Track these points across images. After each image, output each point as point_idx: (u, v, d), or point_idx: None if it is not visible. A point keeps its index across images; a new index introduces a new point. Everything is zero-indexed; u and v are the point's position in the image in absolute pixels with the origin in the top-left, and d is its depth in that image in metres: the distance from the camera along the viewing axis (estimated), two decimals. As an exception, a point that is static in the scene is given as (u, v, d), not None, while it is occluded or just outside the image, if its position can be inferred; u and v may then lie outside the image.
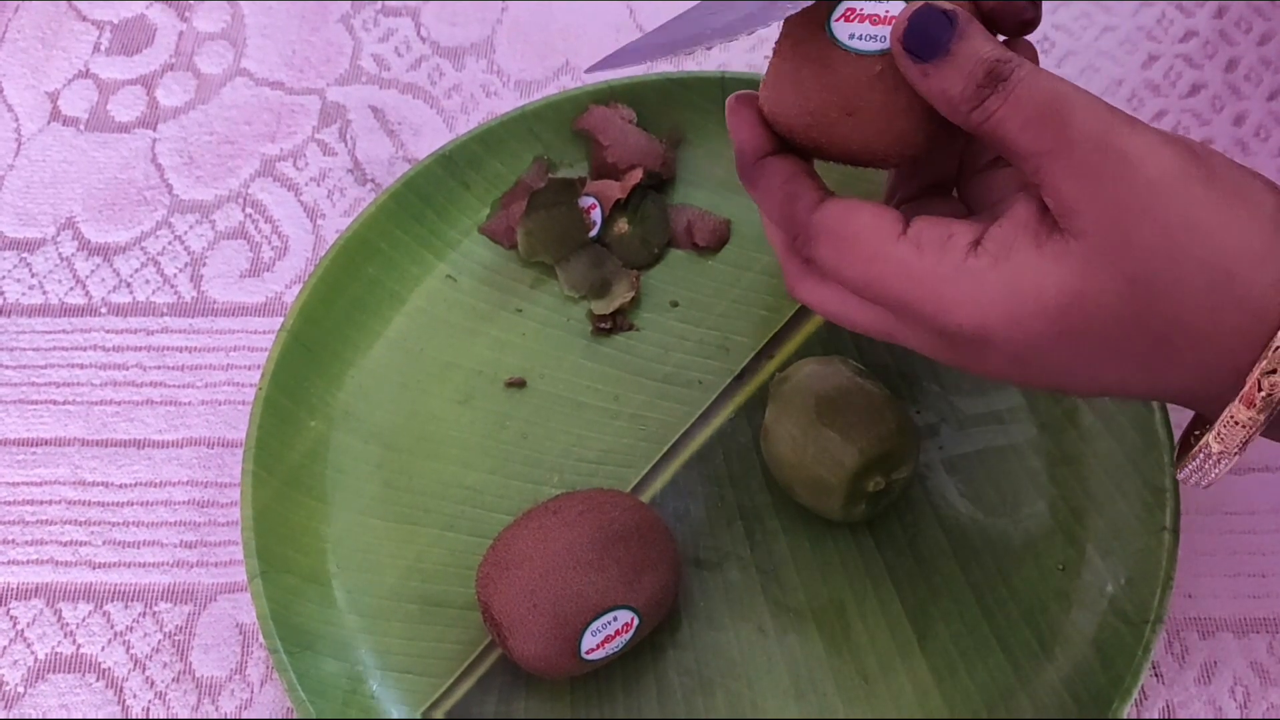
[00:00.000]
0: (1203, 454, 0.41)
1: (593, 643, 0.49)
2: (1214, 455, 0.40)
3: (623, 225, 0.61)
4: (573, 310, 0.61)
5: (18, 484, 0.58)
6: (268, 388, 0.56)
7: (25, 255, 0.64)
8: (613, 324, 0.60)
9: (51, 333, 0.62)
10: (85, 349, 0.62)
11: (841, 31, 0.40)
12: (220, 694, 0.54)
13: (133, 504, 0.58)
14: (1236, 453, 0.40)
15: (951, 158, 0.45)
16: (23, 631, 0.55)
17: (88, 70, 0.70)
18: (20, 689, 0.54)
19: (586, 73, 0.44)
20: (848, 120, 0.41)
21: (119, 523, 0.57)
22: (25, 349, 0.62)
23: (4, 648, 0.55)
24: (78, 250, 0.65)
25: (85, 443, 0.59)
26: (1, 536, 0.57)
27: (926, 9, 0.38)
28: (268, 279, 0.63)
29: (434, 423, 0.58)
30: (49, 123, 0.69)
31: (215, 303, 0.63)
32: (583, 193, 0.61)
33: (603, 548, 0.50)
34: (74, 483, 0.58)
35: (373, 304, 0.60)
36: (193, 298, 0.63)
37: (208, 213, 0.65)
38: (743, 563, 0.54)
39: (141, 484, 0.58)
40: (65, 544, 0.57)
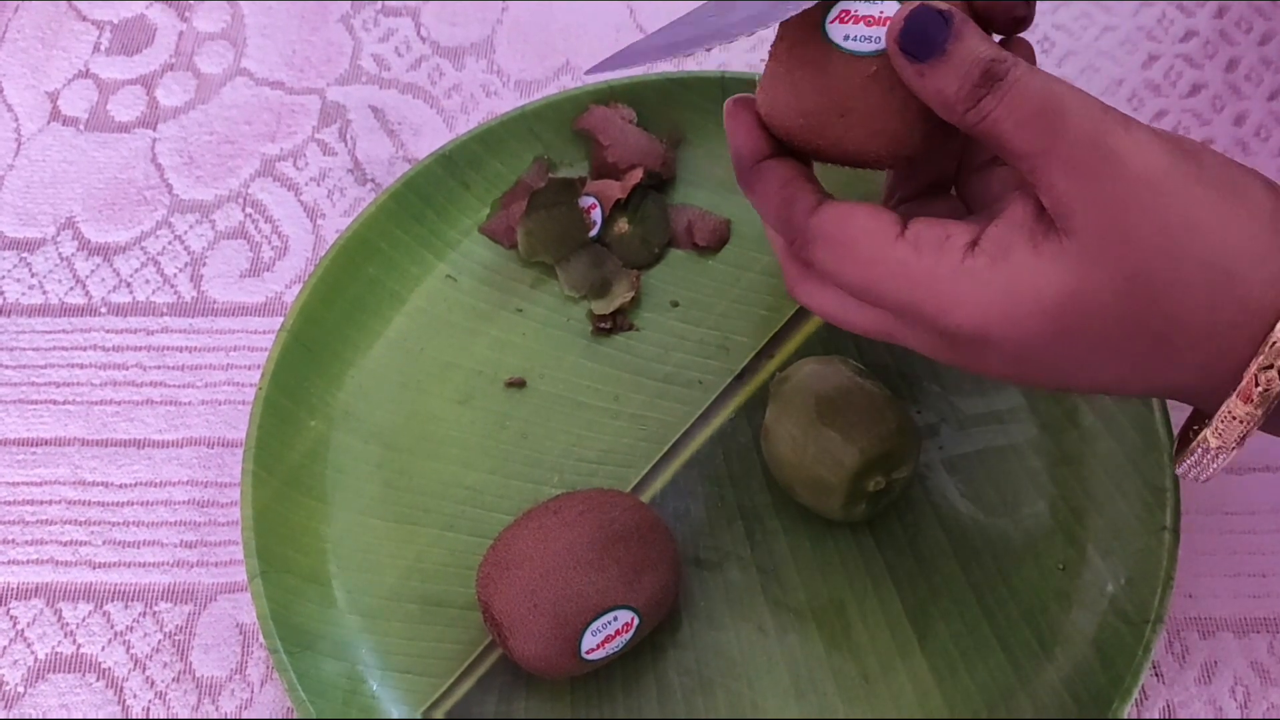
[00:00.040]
0: (1201, 449, 0.41)
1: (593, 643, 0.49)
2: (1212, 450, 0.40)
3: (623, 225, 0.61)
4: (573, 310, 0.61)
5: (18, 484, 0.58)
6: (268, 388, 0.56)
7: (25, 255, 0.64)
8: (613, 324, 0.60)
9: (51, 333, 0.62)
10: (85, 349, 0.62)
11: (837, 33, 0.40)
12: (220, 694, 0.54)
13: (133, 504, 0.58)
14: (1234, 447, 0.40)
15: (950, 157, 0.45)
16: (23, 631, 0.55)
17: (88, 70, 0.70)
18: (20, 689, 0.54)
19: (587, 74, 0.44)
20: (843, 121, 0.40)
21: (119, 523, 0.57)
22: (25, 349, 0.62)
23: (4, 648, 0.55)
24: (78, 250, 0.65)
25: (85, 443, 0.59)
26: (1, 536, 0.57)
27: (923, 9, 0.38)
28: (268, 279, 0.63)
29: (434, 423, 0.58)
30: (49, 123, 0.69)
31: (215, 303, 0.63)
32: (583, 192, 0.61)
33: (603, 548, 0.50)
34: (74, 483, 0.58)
35: (373, 304, 0.60)
36: (193, 298, 0.63)
37: (208, 213, 0.65)
38: (743, 562, 0.54)
39: (141, 484, 0.58)
40: (65, 544, 0.57)
